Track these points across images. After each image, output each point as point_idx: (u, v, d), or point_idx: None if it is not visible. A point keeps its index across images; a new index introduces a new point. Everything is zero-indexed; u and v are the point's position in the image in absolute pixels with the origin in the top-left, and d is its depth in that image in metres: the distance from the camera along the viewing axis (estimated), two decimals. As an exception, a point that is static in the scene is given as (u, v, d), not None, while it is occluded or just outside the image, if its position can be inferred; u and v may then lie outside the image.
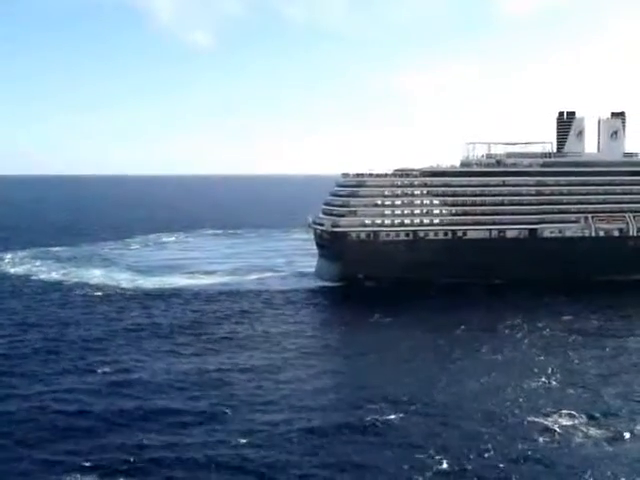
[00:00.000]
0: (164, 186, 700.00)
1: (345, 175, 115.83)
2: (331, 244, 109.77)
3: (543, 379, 61.97)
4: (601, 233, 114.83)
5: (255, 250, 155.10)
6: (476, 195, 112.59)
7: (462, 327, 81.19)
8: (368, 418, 51.93)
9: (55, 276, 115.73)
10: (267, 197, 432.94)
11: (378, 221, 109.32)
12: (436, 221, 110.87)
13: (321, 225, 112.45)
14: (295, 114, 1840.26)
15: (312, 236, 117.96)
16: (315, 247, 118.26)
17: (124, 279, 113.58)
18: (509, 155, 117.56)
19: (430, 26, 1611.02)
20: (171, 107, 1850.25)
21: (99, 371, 63.78)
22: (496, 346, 72.98)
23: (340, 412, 53.78)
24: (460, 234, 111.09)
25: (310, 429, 50.01)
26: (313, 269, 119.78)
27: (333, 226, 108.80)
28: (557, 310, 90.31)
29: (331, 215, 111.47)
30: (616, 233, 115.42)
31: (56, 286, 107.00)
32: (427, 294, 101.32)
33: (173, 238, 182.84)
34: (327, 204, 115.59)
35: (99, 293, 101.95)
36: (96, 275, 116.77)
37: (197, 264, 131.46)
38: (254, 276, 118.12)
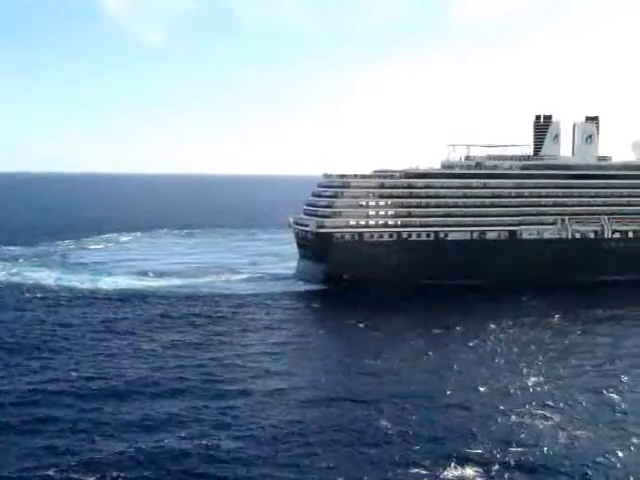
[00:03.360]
0: (122, 185, 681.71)
1: (327, 176, 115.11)
2: (316, 245, 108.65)
3: (525, 379, 62.72)
4: (577, 235, 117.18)
5: (219, 251, 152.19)
6: (458, 197, 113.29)
7: (445, 328, 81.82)
8: (353, 425, 51.42)
9: (10, 278, 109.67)
10: (228, 197, 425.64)
11: (362, 222, 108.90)
12: (419, 222, 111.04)
13: (305, 226, 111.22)
14: (251, 113, 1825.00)
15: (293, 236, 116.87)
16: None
17: (83, 280, 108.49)
18: (489, 158, 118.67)
19: (388, 26, 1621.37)
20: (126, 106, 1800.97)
21: (66, 380, 60.35)
22: (478, 347, 73.79)
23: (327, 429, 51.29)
24: (442, 235, 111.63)
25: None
26: (281, 271, 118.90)
27: (318, 227, 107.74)
28: (536, 310, 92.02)
29: (315, 216, 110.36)
30: (591, 235, 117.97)
31: (12, 288, 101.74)
32: (411, 295, 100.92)
33: (131, 237, 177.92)
34: (310, 205, 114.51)
35: (57, 295, 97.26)
36: (53, 276, 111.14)
37: (159, 264, 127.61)
38: (223, 277, 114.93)
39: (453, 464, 45.07)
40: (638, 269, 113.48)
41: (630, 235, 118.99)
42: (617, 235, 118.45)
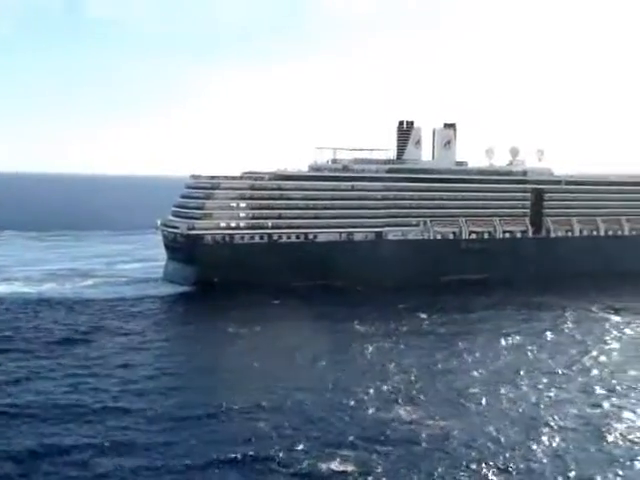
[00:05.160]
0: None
1: (196, 177, 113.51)
2: (186, 247, 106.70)
3: (393, 377, 64.84)
4: (438, 236, 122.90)
5: (73, 254, 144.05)
6: (327, 199, 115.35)
7: (315, 330, 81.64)
8: (228, 431, 51.32)
9: None
10: (84, 198, 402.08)
11: (233, 224, 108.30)
12: (289, 224, 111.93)
13: (174, 228, 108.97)
14: (95, 109, 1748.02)
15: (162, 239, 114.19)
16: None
17: None
18: (356, 161, 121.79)
19: (244, 25, 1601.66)
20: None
21: None
22: (347, 348, 75.38)
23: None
24: (312, 237, 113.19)
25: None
26: (141, 274, 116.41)
27: (189, 229, 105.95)
28: (403, 309, 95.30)
29: (185, 217, 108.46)
30: (451, 236, 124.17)
31: None
32: (282, 297, 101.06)
33: None
34: (179, 206, 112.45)
35: None
36: None
37: (5, 270, 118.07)
38: (77, 282, 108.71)
39: (330, 461, 46.28)
40: (491, 268, 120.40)
41: (485, 236, 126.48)
42: (473, 236, 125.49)
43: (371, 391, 60.60)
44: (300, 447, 48.29)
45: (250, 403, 56.96)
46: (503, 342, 79.16)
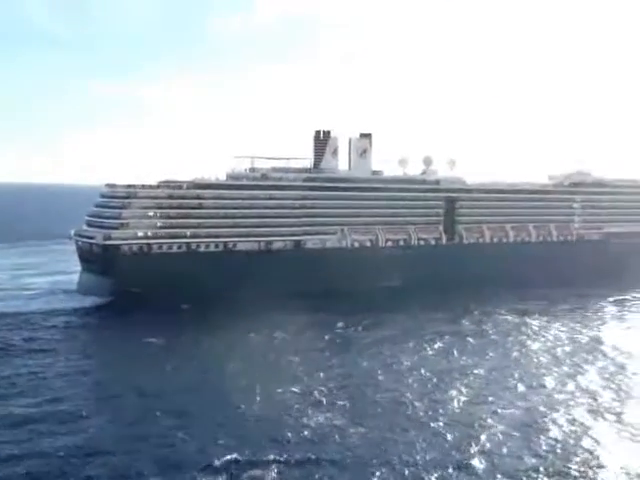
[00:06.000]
0: None
1: (111, 186, 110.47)
2: (102, 258, 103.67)
3: (317, 384, 65.80)
4: (356, 244, 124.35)
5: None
6: (245, 208, 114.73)
7: (237, 339, 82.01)
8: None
9: None
10: None
11: (150, 233, 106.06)
12: (208, 233, 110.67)
13: (90, 238, 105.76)
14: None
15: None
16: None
17: None
18: (274, 170, 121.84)
19: (147, 36, 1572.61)
20: None
21: None
22: (272, 357, 75.50)
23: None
24: (231, 246, 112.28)
25: None
26: (56, 287, 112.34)
27: (105, 239, 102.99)
28: (323, 318, 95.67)
29: (101, 227, 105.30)
30: (368, 244, 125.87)
31: None
32: (201, 308, 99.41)
33: None
34: (94, 216, 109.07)
35: None
36: None
37: None
38: None
39: (258, 469, 46.72)
40: (407, 275, 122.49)
41: (401, 243, 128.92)
42: (390, 244, 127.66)
43: (299, 399, 61.04)
44: (233, 457, 48.18)
45: (175, 414, 56.47)
46: (427, 347, 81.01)
